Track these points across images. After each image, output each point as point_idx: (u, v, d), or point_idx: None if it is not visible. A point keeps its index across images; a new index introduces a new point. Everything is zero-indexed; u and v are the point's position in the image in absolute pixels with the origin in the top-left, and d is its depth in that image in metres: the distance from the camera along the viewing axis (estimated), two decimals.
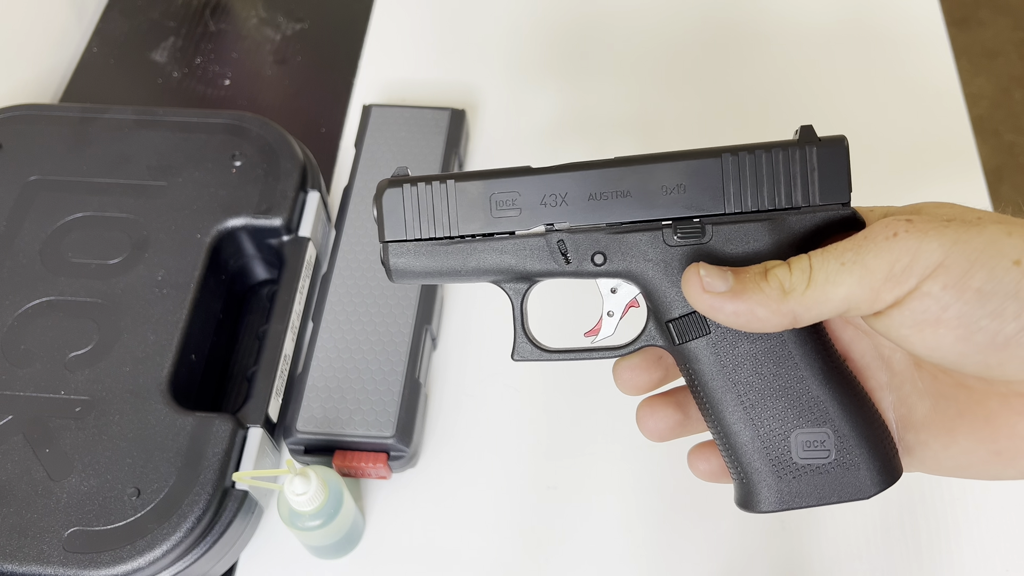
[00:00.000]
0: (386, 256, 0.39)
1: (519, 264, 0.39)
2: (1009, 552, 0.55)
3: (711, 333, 0.38)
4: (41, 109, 0.68)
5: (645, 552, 0.56)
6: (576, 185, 0.39)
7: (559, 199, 0.39)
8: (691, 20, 0.80)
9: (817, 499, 0.38)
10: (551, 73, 0.78)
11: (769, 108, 0.74)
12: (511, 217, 0.39)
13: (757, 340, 0.38)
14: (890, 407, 0.40)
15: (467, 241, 0.39)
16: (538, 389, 0.62)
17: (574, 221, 0.39)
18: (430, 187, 0.39)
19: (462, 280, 0.40)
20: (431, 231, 0.39)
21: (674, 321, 0.39)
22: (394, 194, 0.39)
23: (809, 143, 0.39)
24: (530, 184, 0.39)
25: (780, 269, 0.35)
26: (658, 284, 0.39)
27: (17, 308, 0.58)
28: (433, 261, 0.39)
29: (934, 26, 0.78)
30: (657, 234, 0.38)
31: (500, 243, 0.39)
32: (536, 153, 0.73)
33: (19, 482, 0.52)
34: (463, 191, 0.39)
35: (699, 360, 0.39)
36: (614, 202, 0.39)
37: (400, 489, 0.59)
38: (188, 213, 0.61)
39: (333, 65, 0.80)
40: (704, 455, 0.43)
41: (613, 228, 0.39)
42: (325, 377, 0.58)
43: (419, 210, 0.39)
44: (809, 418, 0.38)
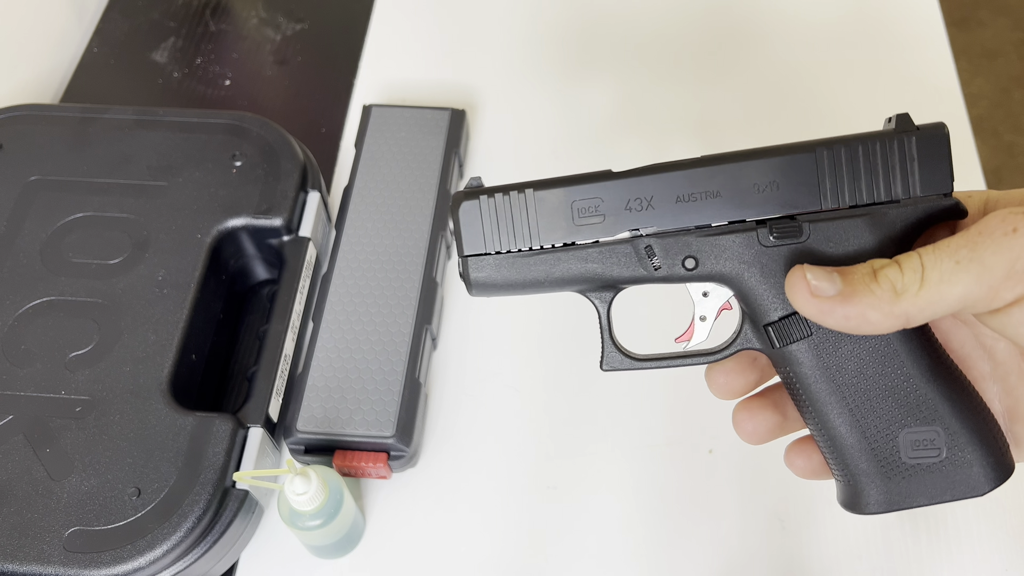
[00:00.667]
0: (466, 270, 0.38)
1: (606, 272, 0.38)
2: (1009, 552, 0.55)
3: (813, 335, 0.37)
4: (41, 109, 0.68)
5: (645, 552, 0.56)
6: (662, 187, 0.37)
7: (644, 203, 0.37)
8: (692, 20, 0.80)
9: (928, 498, 0.37)
10: (551, 73, 0.78)
11: (768, 108, 0.75)
12: (595, 224, 0.38)
13: (861, 340, 0.37)
14: (995, 397, 0.39)
15: (549, 252, 0.38)
16: (538, 389, 0.62)
17: (662, 225, 0.37)
18: (508, 197, 0.38)
19: (545, 291, 0.39)
20: (512, 243, 0.38)
21: (773, 324, 0.37)
22: (471, 206, 0.38)
23: (907, 132, 0.37)
24: (613, 189, 0.38)
25: (890, 269, 0.34)
26: (755, 287, 0.37)
27: (18, 308, 0.58)
28: (515, 273, 0.38)
29: (934, 26, 0.78)
30: (752, 235, 0.37)
31: (585, 251, 0.38)
32: (536, 153, 0.73)
33: (19, 482, 0.52)
34: (542, 200, 0.38)
35: (800, 363, 0.37)
36: (704, 203, 0.37)
37: (400, 489, 0.59)
38: (188, 213, 0.62)
39: (333, 65, 0.80)
40: (804, 451, 0.42)
41: (704, 230, 0.37)
42: (325, 377, 0.58)
43: (498, 222, 0.38)
44: (918, 416, 0.37)
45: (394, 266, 0.62)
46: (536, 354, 0.63)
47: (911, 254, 0.34)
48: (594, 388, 0.62)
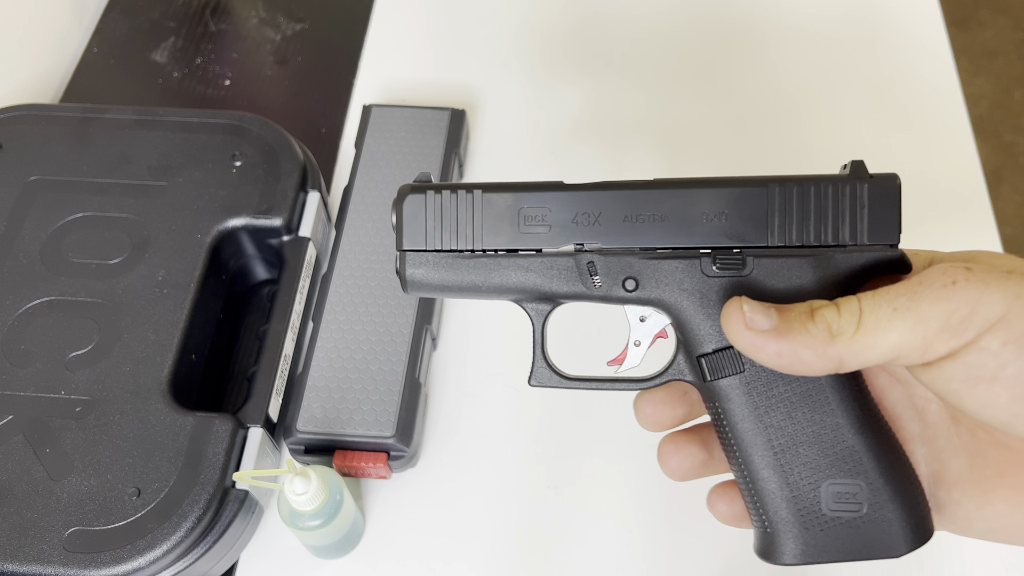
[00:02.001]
0: (402, 266, 0.38)
1: (544, 284, 0.38)
2: (1010, 552, 0.55)
3: (745, 371, 0.36)
4: (42, 109, 0.68)
5: (645, 552, 0.56)
6: (611, 205, 0.37)
7: (592, 218, 0.37)
8: (690, 21, 0.80)
9: (844, 554, 0.37)
10: (552, 73, 0.78)
11: (767, 108, 0.75)
12: (539, 233, 0.37)
13: (793, 382, 0.36)
14: (922, 460, 0.38)
15: (490, 256, 0.37)
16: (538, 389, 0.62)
17: (607, 243, 0.37)
18: (455, 196, 0.37)
19: (481, 297, 0.38)
20: (453, 242, 0.37)
21: (707, 356, 0.37)
22: (416, 200, 0.37)
23: (860, 179, 0.37)
24: (562, 200, 0.37)
25: (828, 310, 0.34)
26: (692, 316, 0.37)
27: (17, 308, 0.58)
28: (452, 275, 0.37)
29: (934, 26, 0.78)
30: (695, 263, 0.37)
31: (526, 260, 0.37)
32: (536, 153, 0.73)
33: (19, 482, 0.52)
34: (490, 203, 0.37)
35: (730, 399, 0.37)
36: (650, 225, 0.37)
37: (400, 489, 0.59)
38: (188, 213, 0.62)
39: (333, 65, 0.80)
40: (726, 497, 0.41)
41: (648, 253, 0.37)
42: (325, 377, 0.58)
43: (442, 219, 0.37)
44: (842, 468, 0.36)
45: (394, 266, 0.62)
46: None
47: (851, 298, 0.34)
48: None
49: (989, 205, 0.68)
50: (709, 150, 0.73)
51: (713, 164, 0.72)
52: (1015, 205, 1.53)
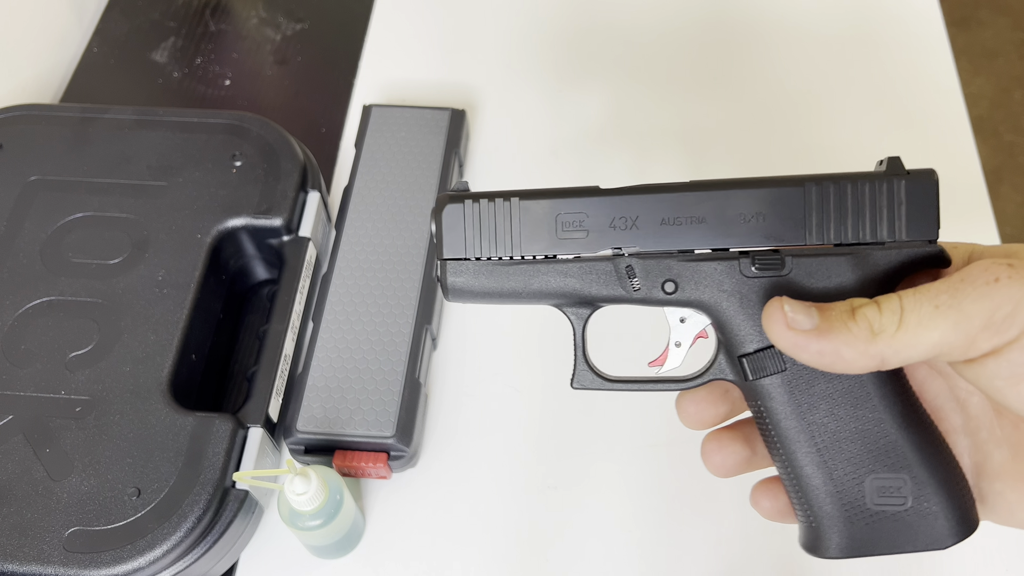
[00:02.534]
0: (443, 274, 0.38)
1: (584, 288, 0.38)
2: (1010, 552, 0.55)
3: (787, 370, 0.37)
4: (41, 109, 0.68)
5: (645, 552, 0.56)
6: (648, 208, 0.37)
7: (629, 222, 0.37)
8: (691, 21, 0.80)
9: (889, 547, 0.37)
10: (551, 73, 0.78)
11: (766, 108, 0.75)
12: (578, 239, 0.37)
13: (835, 379, 0.36)
14: (965, 452, 0.38)
15: (530, 263, 0.38)
16: (538, 389, 0.62)
17: (644, 246, 0.37)
18: (493, 204, 0.37)
19: (522, 302, 0.38)
20: (492, 251, 0.38)
21: (748, 356, 0.37)
22: (455, 210, 0.37)
23: (897, 175, 0.37)
24: (599, 205, 0.37)
25: (869, 309, 0.34)
26: (732, 316, 0.37)
27: (17, 308, 0.58)
28: (493, 281, 0.38)
29: (934, 26, 0.78)
30: (734, 264, 0.37)
31: (564, 266, 0.38)
32: (536, 153, 0.73)
33: (19, 482, 0.52)
34: (527, 210, 0.37)
35: (772, 398, 0.37)
36: (688, 228, 0.37)
37: (400, 489, 0.59)
38: (188, 213, 0.62)
39: (333, 65, 0.80)
40: (769, 493, 0.41)
41: (686, 255, 0.37)
42: (325, 377, 0.58)
43: (480, 228, 0.37)
44: (886, 463, 0.36)
45: (394, 266, 0.62)
46: (536, 354, 0.63)
47: (891, 296, 0.34)
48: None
49: (989, 205, 0.68)
50: (709, 149, 0.73)
51: (715, 164, 0.72)
52: (1015, 205, 1.53)
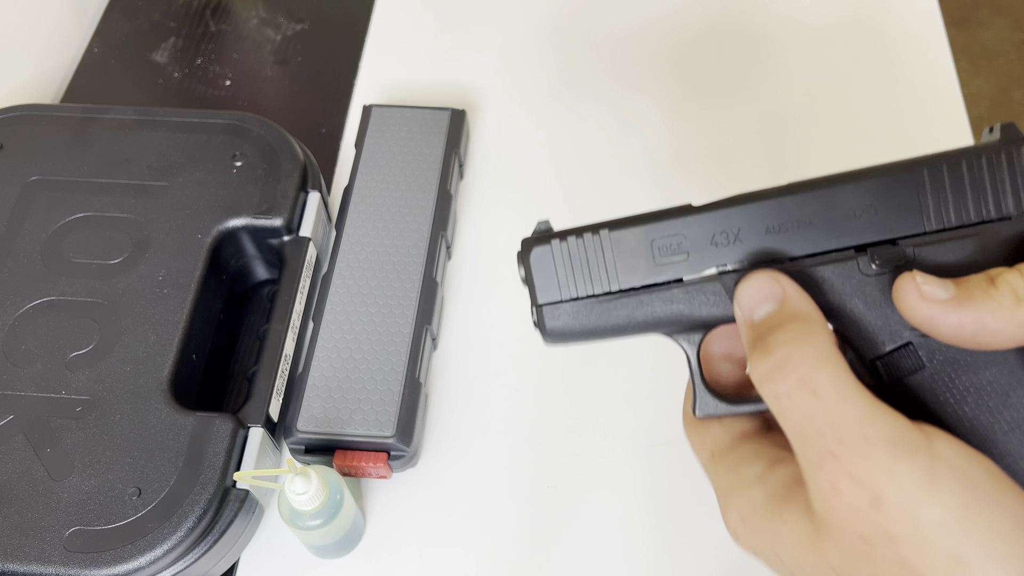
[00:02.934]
0: (541, 320, 0.36)
1: (694, 312, 0.35)
2: None
3: (926, 367, 0.34)
4: (42, 109, 0.68)
5: (645, 551, 0.56)
6: (749, 219, 0.34)
7: (731, 236, 0.35)
8: (691, 21, 0.80)
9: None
10: (552, 73, 0.78)
11: (766, 108, 0.75)
12: (678, 262, 0.35)
13: (980, 370, 0.33)
14: None
15: (631, 294, 0.35)
16: (538, 389, 0.62)
17: (752, 259, 0.35)
18: (581, 240, 0.35)
19: (628, 335, 0.36)
20: (588, 288, 0.36)
21: (882, 358, 0.34)
22: (542, 252, 0.36)
23: (1013, 143, 0.34)
24: (695, 224, 0.35)
25: (1010, 274, 0.31)
26: (859, 319, 0.34)
27: (18, 308, 0.58)
28: (595, 319, 0.36)
29: (933, 26, 0.78)
30: (851, 264, 0.34)
31: (669, 292, 0.35)
32: (536, 153, 0.73)
33: (20, 482, 0.52)
34: (619, 241, 0.35)
35: (914, 401, 0.34)
36: (796, 233, 0.34)
37: (400, 489, 0.59)
38: (189, 213, 0.62)
39: (333, 65, 0.80)
40: None
41: (797, 263, 0.35)
42: (325, 377, 0.58)
43: (572, 266, 0.36)
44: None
45: (394, 266, 0.62)
46: (536, 354, 0.63)
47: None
48: (594, 388, 0.62)
49: None
50: (710, 148, 0.73)
51: (716, 163, 0.72)
52: None
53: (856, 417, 0.30)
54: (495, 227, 0.69)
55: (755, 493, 0.34)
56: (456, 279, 0.67)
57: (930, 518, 0.28)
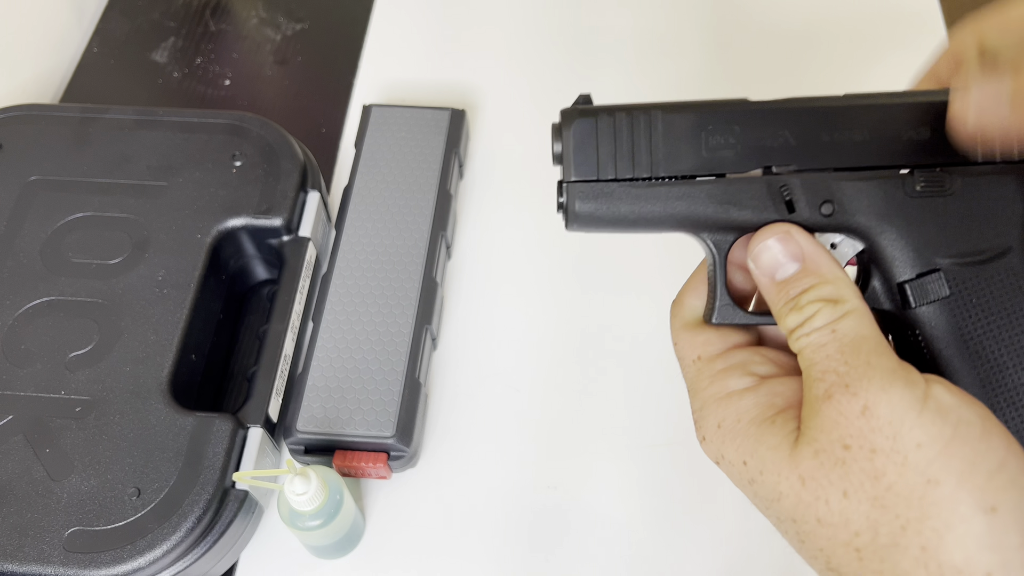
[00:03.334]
0: (570, 199, 0.34)
1: (732, 212, 0.34)
2: None
3: (951, 295, 0.34)
4: (41, 109, 0.68)
5: (645, 552, 0.56)
6: (804, 124, 0.34)
7: (783, 138, 0.34)
8: (691, 21, 0.80)
9: None
10: (553, 73, 0.78)
11: None
12: (726, 157, 0.34)
13: (1002, 305, 0.33)
14: None
15: (669, 184, 0.34)
16: (538, 389, 0.62)
17: (801, 164, 0.34)
18: (631, 118, 0.34)
19: (654, 229, 0.35)
20: (628, 170, 0.33)
21: (910, 282, 0.34)
22: (586, 126, 0.34)
23: None
24: (750, 119, 0.34)
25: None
26: (895, 240, 0.34)
27: (17, 308, 0.58)
28: (626, 206, 0.34)
29: (934, 26, 0.78)
30: (897, 182, 0.34)
31: (710, 186, 0.34)
32: (537, 153, 0.73)
33: (19, 482, 0.52)
34: (670, 124, 0.34)
35: (932, 326, 0.34)
36: (848, 146, 0.34)
37: (400, 489, 0.59)
38: (188, 213, 0.62)
39: (333, 65, 0.80)
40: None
41: (845, 174, 0.34)
42: (325, 377, 0.58)
43: (615, 145, 0.34)
44: None
45: (394, 266, 0.62)
46: (536, 354, 0.63)
47: None
48: (594, 388, 0.62)
49: None
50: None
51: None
52: None
53: (866, 349, 0.31)
54: (495, 227, 0.69)
55: (744, 403, 0.34)
56: (456, 279, 0.67)
57: (914, 439, 0.29)
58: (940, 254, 0.34)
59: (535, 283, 0.66)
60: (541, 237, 0.69)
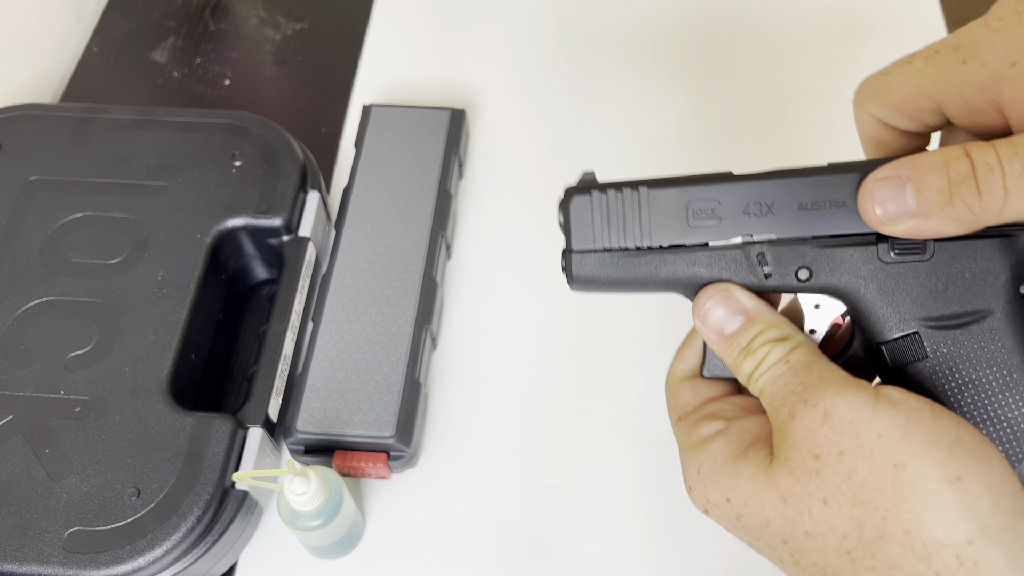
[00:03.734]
0: (569, 265, 0.38)
1: (713, 277, 0.37)
2: None
3: (928, 358, 0.35)
4: (41, 109, 0.68)
5: (646, 552, 0.56)
6: (785, 193, 0.36)
7: (765, 208, 0.36)
8: (691, 21, 0.80)
9: None
10: (553, 73, 0.78)
11: (765, 109, 0.75)
12: (710, 227, 0.36)
13: (982, 368, 0.35)
14: None
15: (658, 251, 0.37)
16: (538, 389, 0.62)
17: (781, 232, 0.36)
18: (621, 194, 0.37)
19: (648, 291, 0.38)
20: (621, 241, 0.37)
21: (888, 344, 0.36)
22: (582, 201, 0.37)
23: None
24: (732, 191, 0.36)
25: (967, 189, 0.31)
26: (871, 304, 0.36)
27: (17, 308, 0.58)
28: (620, 271, 0.37)
29: (934, 27, 0.78)
30: (871, 249, 0.35)
31: (693, 254, 0.37)
32: (536, 153, 0.73)
33: (19, 482, 0.52)
34: (656, 199, 0.37)
35: (913, 385, 0.35)
36: (827, 212, 0.35)
37: (400, 489, 0.59)
38: (188, 213, 0.61)
39: (333, 65, 0.80)
40: None
41: (820, 241, 0.36)
42: (325, 377, 0.58)
43: (608, 218, 0.37)
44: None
45: (394, 266, 0.62)
46: (536, 354, 0.63)
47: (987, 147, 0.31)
48: (594, 388, 0.62)
49: None
50: (714, 148, 0.73)
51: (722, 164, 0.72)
52: None
53: (817, 368, 0.34)
54: (495, 227, 0.69)
55: (716, 445, 0.37)
56: (456, 279, 0.67)
57: (874, 431, 0.31)
58: (918, 317, 0.35)
59: (535, 283, 0.66)
60: (541, 237, 0.69)
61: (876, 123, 0.37)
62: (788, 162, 0.71)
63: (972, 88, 0.32)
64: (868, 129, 0.38)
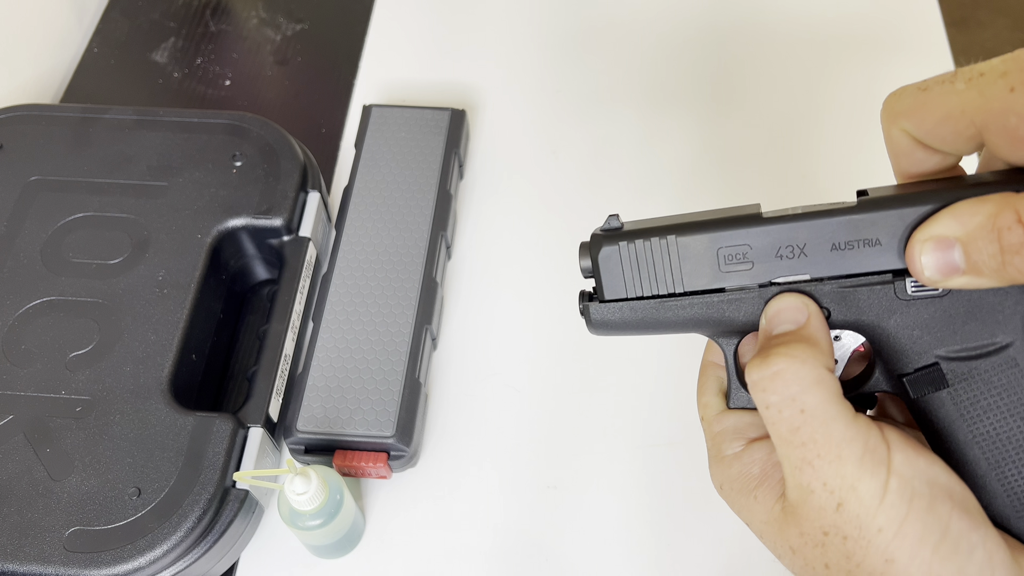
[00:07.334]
0: (596, 312, 0.38)
1: (734, 317, 0.37)
2: None
3: (950, 387, 0.35)
4: (42, 109, 0.68)
5: (645, 552, 0.56)
6: (817, 234, 0.35)
7: (797, 250, 0.35)
8: (691, 21, 0.80)
9: None
10: (552, 73, 0.78)
11: (764, 109, 0.75)
12: (742, 271, 0.36)
13: (1004, 394, 0.35)
14: None
15: (680, 296, 0.37)
16: (538, 389, 0.62)
17: (815, 273, 0.36)
18: (648, 244, 0.36)
19: (673, 332, 0.38)
20: (653, 289, 0.37)
21: (909, 375, 0.36)
22: (611, 252, 0.37)
23: None
24: (763, 235, 0.35)
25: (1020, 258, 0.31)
26: (889, 339, 0.36)
27: (18, 308, 0.58)
28: (646, 315, 0.37)
29: (934, 26, 0.78)
30: (888, 288, 0.35)
31: (718, 299, 0.37)
32: (536, 153, 0.73)
33: (20, 482, 0.52)
34: (686, 247, 0.36)
35: (934, 414, 0.36)
36: (860, 251, 0.35)
37: (400, 489, 0.59)
38: (188, 213, 0.62)
39: (333, 65, 0.80)
40: None
41: (838, 281, 0.36)
42: (325, 377, 0.58)
43: (639, 268, 0.37)
44: None
45: (394, 266, 0.62)
46: (536, 354, 0.63)
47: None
48: (594, 388, 0.62)
49: None
50: (713, 148, 0.73)
51: (718, 163, 0.72)
52: None
53: (836, 438, 0.34)
54: (495, 227, 0.70)
55: (732, 470, 0.39)
56: (456, 279, 0.67)
57: (876, 525, 0.34)
58: (938, 349, 0.36)
59: (535, 283, 0.66)
60: (541, 237, 0.69)
61: (909, 141, 0.35)
62: (794, 168, 0.71)
63: (1018, 118, 0.31)
64: (899, 146, 0.36)
